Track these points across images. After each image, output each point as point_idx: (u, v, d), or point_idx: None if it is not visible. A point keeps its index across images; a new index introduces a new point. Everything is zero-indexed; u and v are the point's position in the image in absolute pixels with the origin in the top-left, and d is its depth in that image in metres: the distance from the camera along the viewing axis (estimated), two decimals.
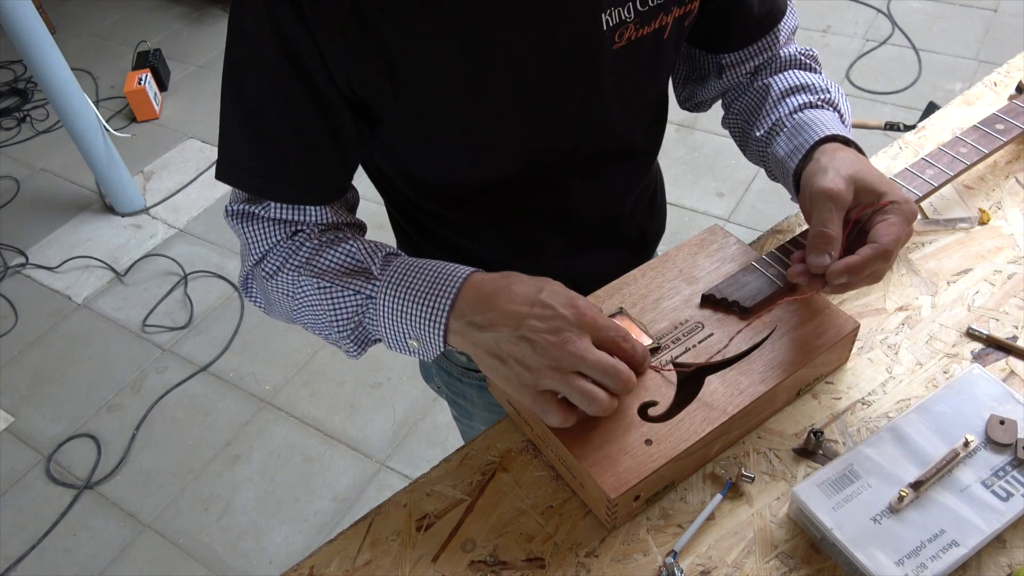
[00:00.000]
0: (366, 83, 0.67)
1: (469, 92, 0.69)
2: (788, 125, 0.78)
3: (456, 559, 0.66)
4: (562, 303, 0.63)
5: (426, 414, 2.07)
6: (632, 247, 0.95)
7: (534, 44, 0.68)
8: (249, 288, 0.79)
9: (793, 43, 0.88)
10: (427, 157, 0.77)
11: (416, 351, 0.69)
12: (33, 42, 2.30)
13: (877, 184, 0.67)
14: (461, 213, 0.84)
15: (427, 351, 0.68)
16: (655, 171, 0.97)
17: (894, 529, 0.60)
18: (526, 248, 0.88)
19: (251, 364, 2.26)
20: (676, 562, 0.63)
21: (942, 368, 0.74)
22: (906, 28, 3.06)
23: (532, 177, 0.79)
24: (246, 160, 0.71)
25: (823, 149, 0.72)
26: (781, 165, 0.77)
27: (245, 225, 0.74)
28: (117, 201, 2.78)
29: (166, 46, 3.59)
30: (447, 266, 0.69)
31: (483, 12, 0.65)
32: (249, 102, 0.68)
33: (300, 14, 0.62)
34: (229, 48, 0.67)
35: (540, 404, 0.62)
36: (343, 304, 0.71)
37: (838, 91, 0.83)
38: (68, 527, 1.94)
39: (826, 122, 0.75)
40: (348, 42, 0.63)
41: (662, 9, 0.72)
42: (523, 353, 0.61)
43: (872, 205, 0.67)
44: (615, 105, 0.76)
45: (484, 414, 1.03)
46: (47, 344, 2.40)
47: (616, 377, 0.61)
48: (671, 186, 1.74)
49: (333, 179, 0.73)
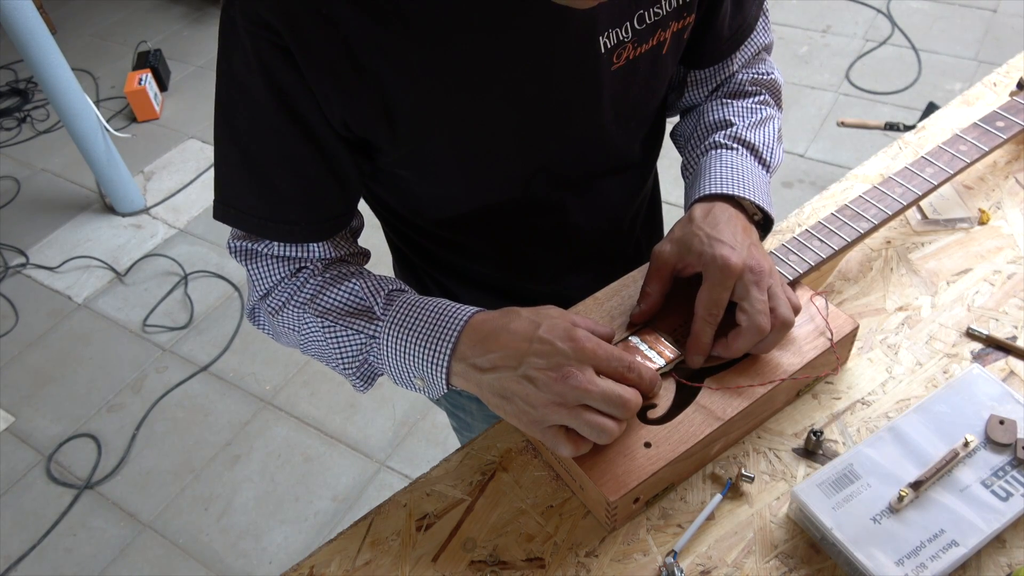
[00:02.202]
0: (362, 122, 0.66)
1: (467, 123, 0.69)
2: (691, 168, 0.82)
3: (456, 559, 0.66)
4: (560, 336, 0.62)
5: (426, 414, 2.07)
6: (631, 260, 0.95)
7: (532, 73, 0.68)
8: (257, 318, 0.79)
9: (763, 62, 0.87)
10: (425, 184, 0.76)
11: (421, 389, 0.69)
12: (33, 42, 2.30)
13: (699, 248, 0.69)
14: (458, 235, 0.83)
15: (431, 391, 0.68)
16: (653, 179, 0.96)
17: (894, 529, 0.61)
18: (525, 268, 0.88)
19: (251, 364, 2.26)
20: (676, 562, 0.63)
21: (942, 368, 0.74)
22: (906, 28, 3.06)
23: (530, 198, 0.79)
24: (244, 200, 0.70)
25: (693, 208, 0.74)
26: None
27: (248, 262, 0.73)
28: (117, 201, 2.78)
29: (166, 46, 3.59)
30: (449, 307, 0.68)
31: (479, 48, 0.65)
32: (244, 143, 0.67)
33: (289, 58, 0.61)
34: (220, 88, 0.66)
35: (550, 438, 0.62)
36: (347, 344, 0.71)
37: (765, 115, 0.82)
38: (68, 527, 1.94)
39: (715, 173, 0.76)
40: (340, 83, 0.63)
41: (660, 26, 0.71)
42: (527, 392, 0.61)
43: (692, 266, 0.70)
44: (613, 123, 0.76)
45: (483, 426, 1.03)
46: (47, 344, 2.40)
47: (623, 407, 0.60)
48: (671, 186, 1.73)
49: (334, 215, 0.72)
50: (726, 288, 0.66)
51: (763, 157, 0.79)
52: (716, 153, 0.78)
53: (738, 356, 0.68)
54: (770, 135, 0.81)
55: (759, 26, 0.83)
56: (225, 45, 0.63)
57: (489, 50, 0.65)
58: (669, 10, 0.71)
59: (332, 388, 2.16)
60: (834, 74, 2.91)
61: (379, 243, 0.93)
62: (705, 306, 0.67)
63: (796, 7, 3.28)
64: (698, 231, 0.70)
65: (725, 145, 0.79)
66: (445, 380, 0.66)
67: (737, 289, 0.67)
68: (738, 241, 0.68)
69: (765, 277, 0.67)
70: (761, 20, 0.83)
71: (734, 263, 0.66)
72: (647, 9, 0.69)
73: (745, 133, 0.80)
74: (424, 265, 0.91)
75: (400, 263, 0.96)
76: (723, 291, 0.66)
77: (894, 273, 0.83)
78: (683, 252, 0.70)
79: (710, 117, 0.83)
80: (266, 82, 0.62)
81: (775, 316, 0.66)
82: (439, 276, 0.91)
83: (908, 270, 0.83)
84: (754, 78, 0.85)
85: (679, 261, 0.70)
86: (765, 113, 0.83)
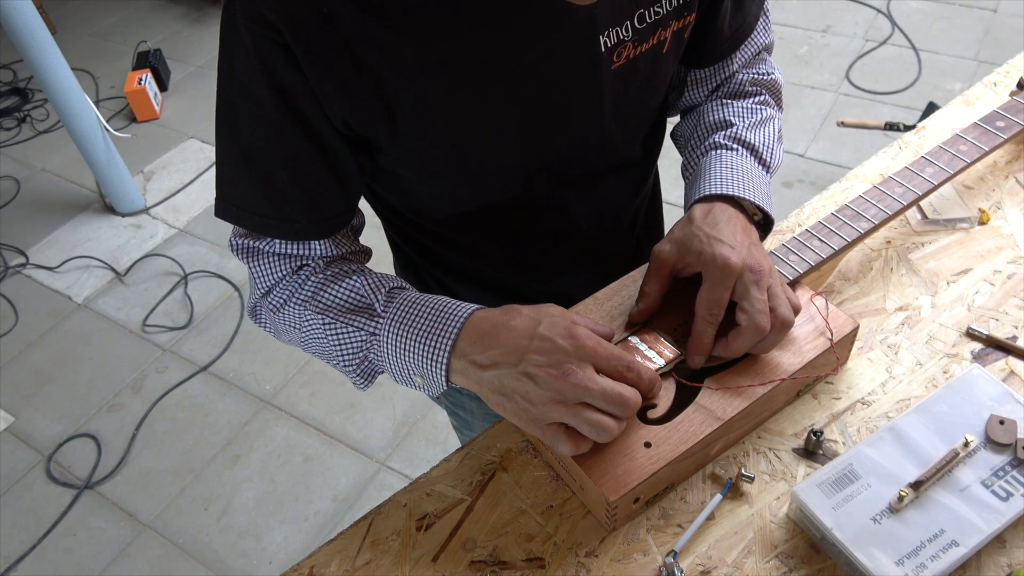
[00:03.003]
0: (362, 120, 0.66)
1: (468, 122, 0.69)
2: (692, 169, 0.81)
3: (456, 559, 0.66)
4: (560, 334, 0.62)
5: (426, 414, 2.07)
6: (631, 260, 0.95)
7: (533, 72, 0.68)
8: (258, 316, 0.79)
9: (763, 62, 0.87)
10: (425, 183, 0.76)
11: (421, 387, 0.69)
12: (33, 42, 2.30)
13: (699, 248, 0.69)
14: (459, 234, 0.83)
15: (431, 388, 0.68)
16: (654, 178, 0.96)
17: (894, 529, 0.61)
18: (525, 267, 0.88)
19: (251, 364, 2.26)
20: (676, 562, 0.63)
21: (942, 368, 0.74)
22: (906, 28, 3.06)
23: (530, 197, 0.79)
24: (246, 198, 0.70)
25: (693, 208, 0.74)
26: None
27: (250, 260, 0.74)
28: (117, 201, 2.78)
29: (166, 46, 3.59)
30: (449, 304, 0.68)
31: (479, 47, 0.65)
32: (245, 142, 0.67)
33: (291, 57, 0.61)
34: (221, 87, 0.66)
35: (549, 436, 0.62)
36: (347, 341, 0.71)
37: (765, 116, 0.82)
38: (68, 527, 1.94)
39: (715, 173, 0.76)
40: (341, 81, 0.63)
41: (660, 24, 0.71)
42: (527, 389, 0.61)
43: (692, 266, 0.70)
44: (614, 123, 0.76)
45: (483, 424, 1.03)
46: (47, 344, 2.40)
47: (622, 405, 0.60)
48: (671, 186, 1.73)
49: (335, 213, 0.72)
50: (726, 288, 0.66)
51: (763, 157, 0.79)
52: (716, 153, 0.78)
53: (738, 356, 0.68)
54: (770, 135, 0.81)
55: (759, 26, 0.83)
56: (226, 44, 0.63)
57: (489, 49, 0.65)
58: (669, 9, 0.71)
59: (332, 388, 2.16)
60: (834, 74, 2.91)
61: (380, 242, 0.93)
62: (706, 306, 0.67)
63: (796, 7, 3.28)
64: (698, 231, 0.70)
65: (725, 145, 0.79)
66: (444, 377, 0.66)
67: (737, 289, 0.67)
68: (738, 241, 0.68)
69: (765, 277, 0.67)
70: (762, 20, 0.83)
71: (734, 263, 0.66)
72: (647, 8, 0.69)
73: (745, 133, 0.80)
74: (425, 264, 0.91)
75: (401, 262, 0.96)
76: (723, 291, 0.66)
77: (894, 273, 0.83)
78: (683, 252, 0.70)
79: (710, 117, 0.83)
80: (267, 81, 0.63)
81: (775, 316, 0.66)
82: (440, 275, 0.91)
83: (908, 270, 0.83)
84: (754, 78, 0.85)
85: (679, 261, 0.70)
86: (765, 113, 0.83)
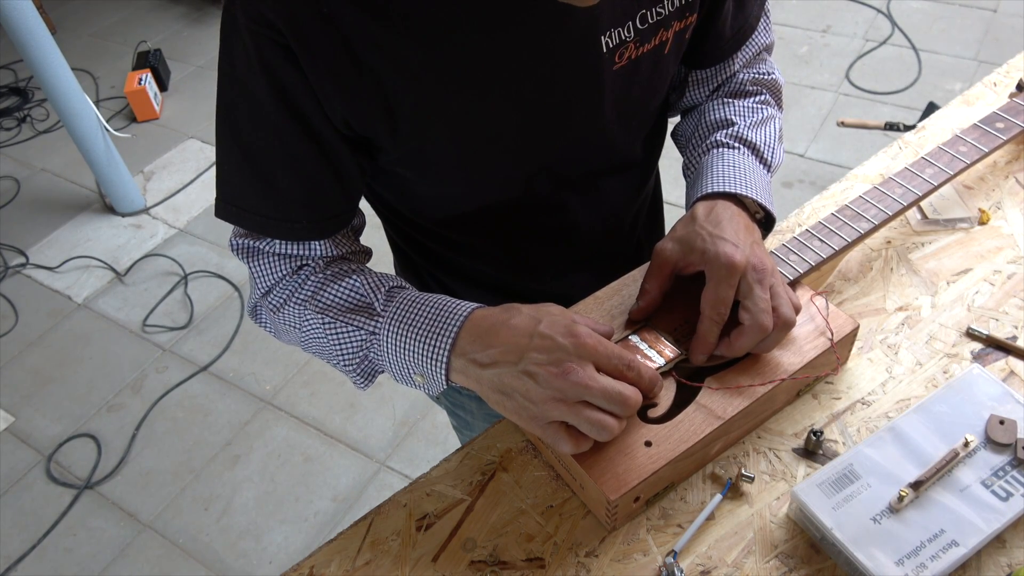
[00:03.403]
0: (363, 121, 0.66)
1: (468, 122, 0.69)
2: (693, 167, 0.81)
3: (456, 559, 0.66)
4: (561, 332, 0.62)
5: (426, 414, 2.07)
6: (632, 260, 0.95)
7: (533, 72, 0.68)
8: (258, 316, 0.79)
9: (764, 62, 0.87)
10: (426, 183, 0.76)
11: (421, 386, 0.69)
12: (33, 42, 2.29)
13: (702, 246, 0.69)
14: (459, 234, 0.83)
15: (431, 387, 0.68)
16: (654, 178, 0.96)
17: (894, 529, 0.61)
18: (526, 267, 0.88)
19: (251, 364, 2.26)
20: (676, 562, 0.63)
21: (942, 368, 0.74)
22: (906, 28, 3.06)
23: (531, 197, 0.79)
24: (246, 199, 0.70)
25: (696, 207, 0.74)
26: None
27: (250, 260, 0.74)
28: (117, 201, 2.78)
29: (166, 46, 3.59)
30: (449, 303, 0.68)
31: (480, 47, 0.64)
32: (246, 142, 0.67)
33: (290, 57, 0.61)
34: (221, 88, 0.66)
35: (550, 435, 0.62)
36: (347, 340, 0.71)
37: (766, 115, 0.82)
38: (68, 527, 1.94)
39: (717, 172, 0.76)
40: (342, 82, 0.63)
41: (662, 25, 0.71)
42: (527, 387, 0.61)
43: (694, 265, 0.70)
44: (615, 123, 0.76)
45: (483, 425, 1.03)
46: (47, 344, 2.40)
47: (623, 404, 0.60)
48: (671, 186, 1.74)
49: (335, 213, 0.72)
50: (731, 286, 0.66)
51: (764, 156, 0.79)
52: (718, 152, 0.78)
53: (740, 355, 0.68)
54: (771, 134, 0.82)
55: (760, 26, 0.83)
56: (226, 44, 0.63)
57: (490, 49, 0.65)
58: (671, 10, 0.71)
59: (332, 388, 2.16)
60: (834, 74, 2.91)
61: (380, 242, 0.93)
62: (711, 305, 0.67)
63: (796, 7, 3.28)
64: (701, 229, 0.70)
65: (726, 144, 0.79)
66: (444, 376, 0.66)
67: (740, 287, 0.67)
68: (741, 239, 0.68)
69: (768, 276, 0.67)
70: (762, 20, 0.83)
71: (738, 260, 0.66)
72: (649, 9, 0.69)
73: (746, 132, 0.80)
74: (425, 264, 0.91)
75: (401, 262, 0.96)
76: (728, 289, 0.66)
77: (894, 273, 0.83)
78: (686, 250, 0.70)
79: (711, 116, 0.83)
80: (268, 80, 0.63)
81: (777, 315, 0.66)
82: (440, 275, 0.91)
83: (908, 270, 0.83)
84: (755, 78, 0.85)
85: (681, 259, 0.70)
86: (766, 113, 0.83)
